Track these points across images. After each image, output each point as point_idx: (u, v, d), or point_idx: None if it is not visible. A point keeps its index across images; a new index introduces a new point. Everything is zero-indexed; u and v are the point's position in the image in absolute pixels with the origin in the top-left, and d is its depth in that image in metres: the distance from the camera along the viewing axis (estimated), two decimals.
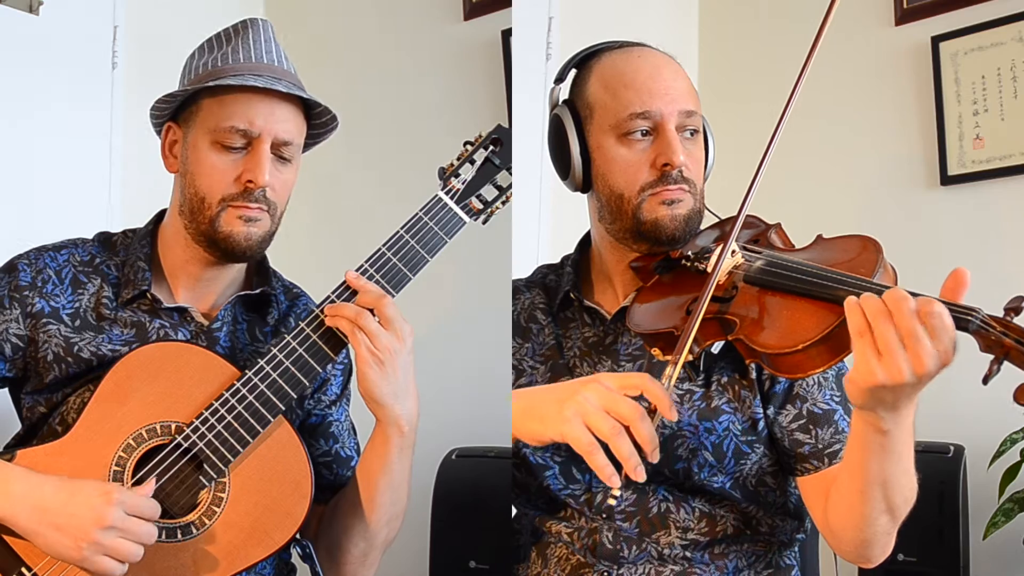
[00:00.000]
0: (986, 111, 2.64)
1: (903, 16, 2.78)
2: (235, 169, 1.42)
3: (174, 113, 1.48)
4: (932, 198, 2.73)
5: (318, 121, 1.51)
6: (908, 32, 2.78)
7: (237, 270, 1.53)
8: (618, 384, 1.22)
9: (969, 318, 1.07)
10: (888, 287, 1.13)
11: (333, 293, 1.43)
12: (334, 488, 1.55)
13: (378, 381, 1.36)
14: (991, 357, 1.07)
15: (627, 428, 1.19)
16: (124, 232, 1.56)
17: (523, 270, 1.75)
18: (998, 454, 2.30)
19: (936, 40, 2.71)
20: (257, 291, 1.54)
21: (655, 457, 1.19)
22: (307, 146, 1.55)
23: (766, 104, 2.95)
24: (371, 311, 1.38)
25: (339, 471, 1.57)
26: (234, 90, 1.42)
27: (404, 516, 1.50)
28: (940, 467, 2.23)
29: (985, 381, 1.06)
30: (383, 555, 1.53)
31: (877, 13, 2.84)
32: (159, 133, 1.51)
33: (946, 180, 2.69)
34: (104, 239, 1.55)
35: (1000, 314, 1.08)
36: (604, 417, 1.20)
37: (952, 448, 2.28)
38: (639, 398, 1.21)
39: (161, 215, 1.55)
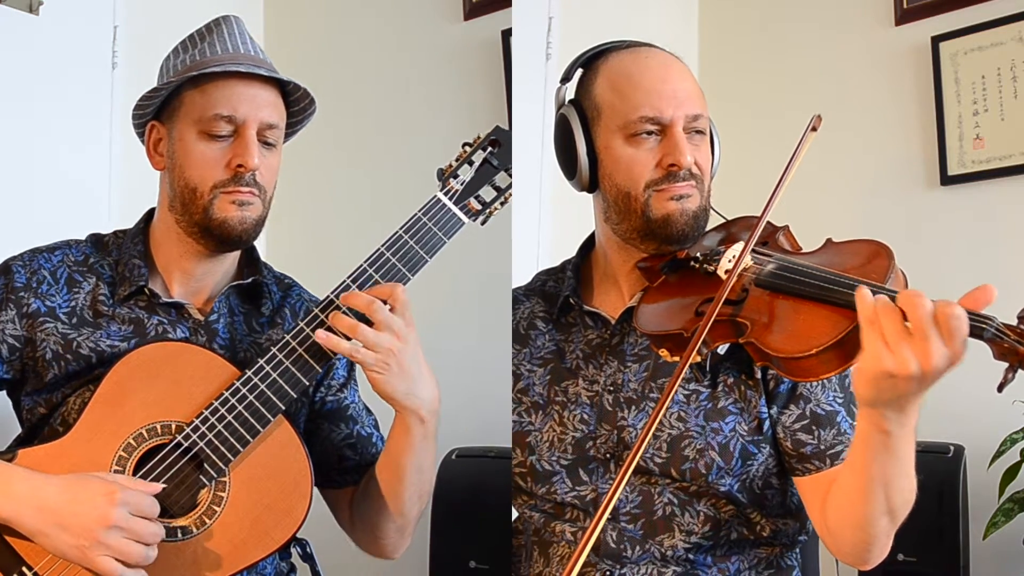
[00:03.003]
0: (986, 111, 2.64)
1: (903, 16, 2.78)
2: (224, 156, 1.44)
3: (156, 112, 1.50)
4: (932, 198, 2.73)
5: (296, 107, 1.53)
6: (908, 32, 2.78)
7: (230, 262, 1.55)
8: None
9: (984, 326, 1.08)
10: (892, 291, 1.14)
11: (332, 293, 1.43)
12: (360, 468, 1.57)
13: (389, 382, 1.38)
14: (1005, 365, 1.07)
15: None
16: (115, 233, 1.57)
17: (523, 270, 1.75)
18: (998, 454, 2.30)
19: (936, 40, 2.71)
20: (249, 280, 1.55)
21: None
22: (288, 134, 1.56)
23: (765, 104, 2.97)
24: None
25: (363, 450, 1.59)
26: (216, 78, 1.44)
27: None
28: (940, 467, 2.23)
29: (1000, 389, 1.07)
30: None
31: (877, 13, 2.84)
32: (141, 135, 1.53)
33: (946, 180, 2.69)
34: (96, 240, 1.56)
35: (1014, 322, 1.08)
36: None
37: (952, 448, 2.28)
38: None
39: (151, 214, 1.56)
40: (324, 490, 1.60)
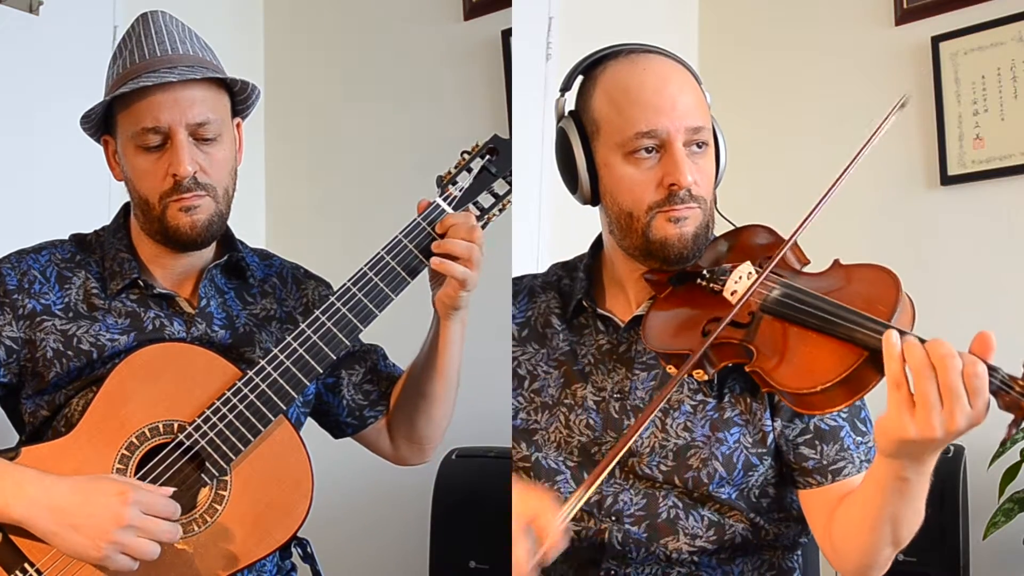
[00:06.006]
0: (986, 111, 2.64)
1: (903, 16, 2.78)
2: (161, 166, 1.45)
3: (105, 126, 1.51)
4: (932, 198, 2.72)
5: (235, 89, 1.53)
6: (908, 32, 2.78)
7: (207, 250, 1.55)
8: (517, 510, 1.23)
9: (989, 377, 1.06)
10: (910, 333, 1.12)
11: (333, 295, 1.45)
12: (384, 397, 1.65)
13: (464, 297, 1.48)
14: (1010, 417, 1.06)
15: None
16: (96, 232, 1.59)
17: (523, 269, 1.75)
18: (998, 454, 2.30)
19: (936, 40, 2.71)
20: (224, 258, 1.57)
21: None
22: (240, 112, 1.56)
23: (765, 104, 2.97)
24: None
25: (378, 381, 1.66)
26: (134, 95, 1.44)
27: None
28: (940, 467, 2.19)
29: (1003, 444, 1.05)
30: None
31: (877, 13, 2.84)
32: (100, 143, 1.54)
33: (946, 180, 2.69)
34: (79, 239, 1.57)
35: (1019, 372, 1.06)
36: None
37: (952, 448, 2.28)
38: None
39: (128, 207, 1.57)
40: (361, 433, 1.67)
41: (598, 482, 1.22)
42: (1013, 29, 2.59)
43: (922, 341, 1.10)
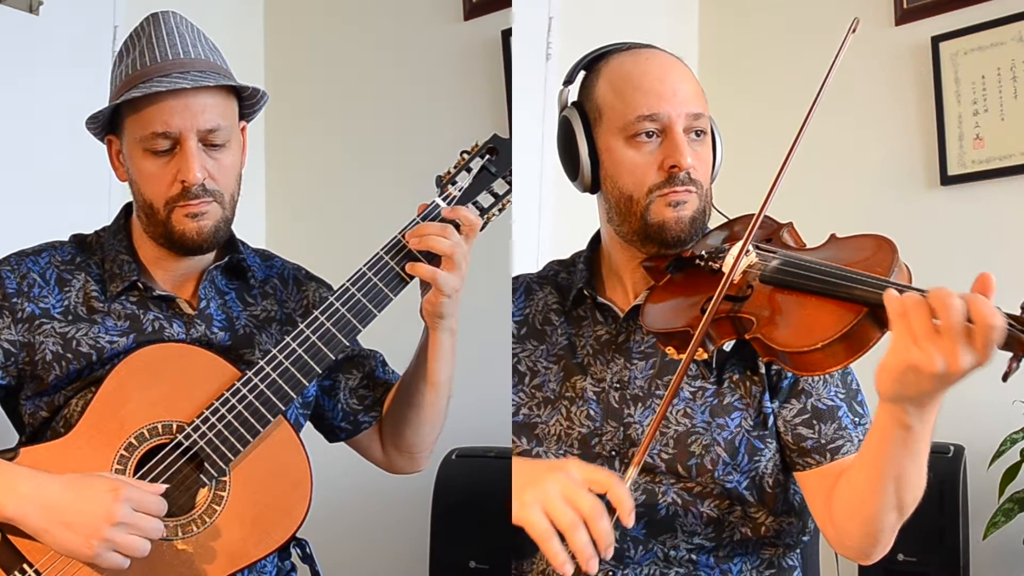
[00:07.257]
0: (986, 111, 2.64)
1: (903, 16, 2.78)
2: (169, 172, 1.44)
3: (110, 126, 1.50)
4: (932, 198, 2.73)
5: (244, 93, 1.52)
6: (908, 32, 2.78)
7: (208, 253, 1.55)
8: (584, 477, 1.22)
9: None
10: (906, 286, 1.14)
11: (332, 295, 1.45)
12: (379, 403, 1.65)
13: (450, 304, 1.48)
14: (1008, 356, 1.06)
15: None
16: (96, 232, 1.58)
17: (523, 269, 1.75)
18: (998, 454, 2.30)
19: (936, 40, 2.71)
20: (224, 260, 1.56)
21: (608, 554, 1.18)
22: (246, 115, 1.55)
23: (765, 103, 2.97)
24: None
25: (374, 386, 1.66)
26: (145, 98, 1.43)
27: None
28: (940, 467, 2.22)
29: (1005, 378, 1.06)
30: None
31: (877, 13, 2.84)
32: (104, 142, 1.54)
33: (946, 180, 2.69)
34: (79, 240, 1.57)
35: (1017, 312, 1.08)
36: (564, 509, 1.19)
37: (952, 448, 2.28)
38: (603, 496, 1.20)
39: (129, 208, 1.57)
40: (355, 439, 1.66)
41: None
42: (1013, 29, 2.59)
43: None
